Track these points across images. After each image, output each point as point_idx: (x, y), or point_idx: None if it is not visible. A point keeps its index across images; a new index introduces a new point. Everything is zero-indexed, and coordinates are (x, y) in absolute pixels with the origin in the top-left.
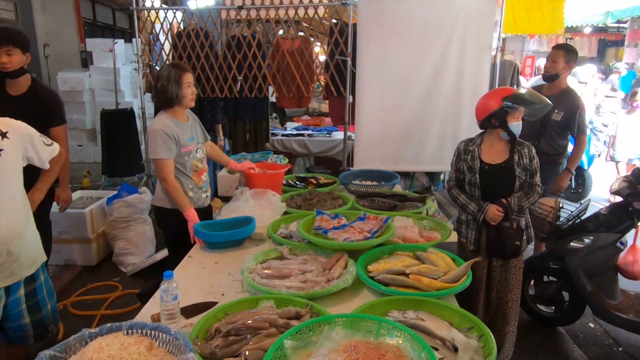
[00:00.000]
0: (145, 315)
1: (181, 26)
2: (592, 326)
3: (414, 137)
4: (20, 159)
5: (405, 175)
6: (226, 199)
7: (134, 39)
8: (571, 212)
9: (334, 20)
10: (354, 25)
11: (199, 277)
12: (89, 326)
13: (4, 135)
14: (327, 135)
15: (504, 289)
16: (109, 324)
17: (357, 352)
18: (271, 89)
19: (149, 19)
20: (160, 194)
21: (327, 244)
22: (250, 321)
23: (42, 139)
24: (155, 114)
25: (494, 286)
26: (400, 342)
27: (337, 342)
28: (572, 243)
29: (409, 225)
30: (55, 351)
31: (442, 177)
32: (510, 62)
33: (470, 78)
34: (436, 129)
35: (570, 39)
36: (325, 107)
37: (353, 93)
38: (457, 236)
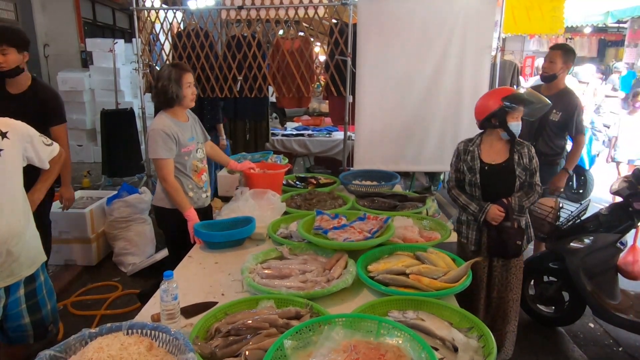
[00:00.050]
0: (145, 315)
1: (181, 26)
2: (592, 326)
3: (414, 137)
4: (20, 159)
5: (405, 175)
6: (226, 199)
7: (134, 39)
8: (571, 212)
9: (334, 20)
10: (354, 25)
11: (199, 277)
12: (89, 326)
13: (3, 135)
14: (327, 135)
15: (504, 288)
16: (109, 324)
17: (357, 352)
18: (271, 89)
19: (149, 19)
20: (160, 193)
21: (327, 244)
22: (250, 321)
23: (42, 139)
24: (155, 114)
25: (495, 286)
26: (400, 342)
27: (337, 342)
28: (572, 243)
29: (409, 225)
30: (55, 351)
31: (442, 177)
32: (510, 62)
33: (470, 78)
34: (436, 129)
35: (570, 39)
36: (325, 107)
37: (353, 93)
38: (457, 236)
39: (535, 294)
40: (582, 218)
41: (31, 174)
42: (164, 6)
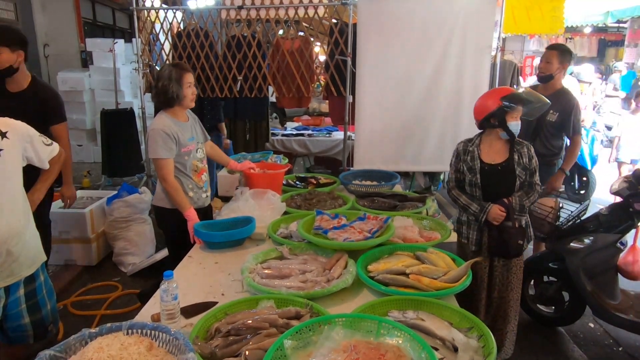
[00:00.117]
0: (145, 315)
1: (181, 26)
2: (592, 326)
3: (414, 137)
4: (19, 158)
5: (405, 175)
6: (226, 199)
7: (134, 39)
8: (571, 213)
9: (334, 20)
10: (354, 25)
11: (199, 277)
12: (89, 326)
13: (3, 135)
14: (327, 135)
15: (505, 288)
16: (109, 324)
17: (357, 352)
18: (271, 89)
19: (149, 19)
20: (160, 193)
21: (327, 244)
22: (250, 321)
23: (42, 139)
24: (155, 113)
25: (496, 286)
26: (400, 342)
27: (337, 342)
28: (572, 243)
29: (409, 225)
30: (55, 351)
31: (442, 177)
32: (510, 62)
33: (470, 78)
34: (436, 129)
35: (570, 39)
36: (325, 107)
37: (353, 93)
38: (457, 237)
39: (535, 294)
40: (582, 218)
41: (31, 174)
42: (164, 6)
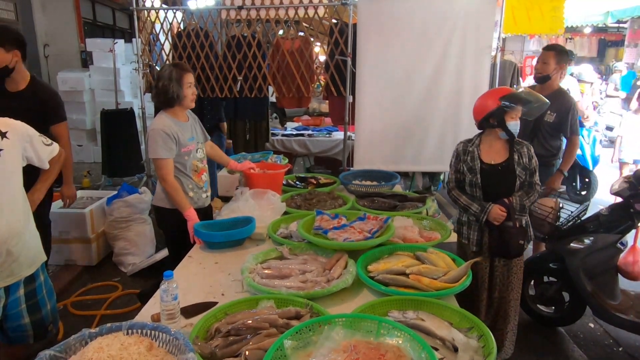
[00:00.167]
0: (145, 315)
1: (181, 26)
2: (592, 326)
3: (414, 137)
4: (19, 158)
5: (405, 175)
6: (226, 199)
7: (134, 39)
8: (571, 213)
9: (334, 20)
10: (354, 25)
11: (199, 277)
12: (89, 326)
13: (3, 135)
14: (327, 135)
15: (506, 288)
16: (109, 324)
17: (357, 352)
18: (271, 89)
19: (149, 19)
20: (160, 193)
21: (327, 244)
22: (250, 321)
23: (42, 139)
24: (156, 113)
25: (497, 286)
26: (400, 342)
27: (337, 342)
28: (572, 244)
29: (409, 225)
30: (55, 351)
31: (442, 177)
32: (510, 62)
33: (470, 78)
34: (436, 129)
35: (570, 39)
36: (325, 107)
37: (353, 93)
38: (457, 237)
39: (536, 294)
40: (582, 218)
41: (31, 174)
42: (164, 6)
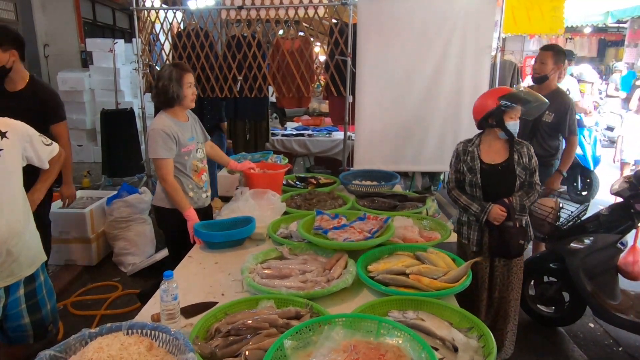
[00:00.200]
0: (145, 315)
1: (181, 26)
2: (592, 326)
3: (414, 137)
4: (19, 158)
5: (405, 175)
6: (226, 199)
7: (134, 39)
8: (571, 213)
9: (334, 20)
10: (354, 25)
11: (199, 277)
12: (89, 326)
13: (3, 135)
14: (327, 135)
15: (506, 288)
16: (109, 324)
17: (357, 352)
18: (271, 89)
19: (149, 19)
20: (160, 193)
21: (327, 244)
22: (250, 321)
23: (42, 138)
24: (156, 113)
25: (497, 286)
26: (400, 342)
27: (337, 342)
28: (573, 244)
29: (409, 225)
30: (55, 351)
31: (442, 177)
32: (510, 62)
33: (470, 78)
34: (436, 129)
35: (570, 39)
36: (325, 107)
37: (353, 93)
38: (457, 237)
39: (536, 294)
40: (582, 218)
41: (31, 174)
42: (164, 6)
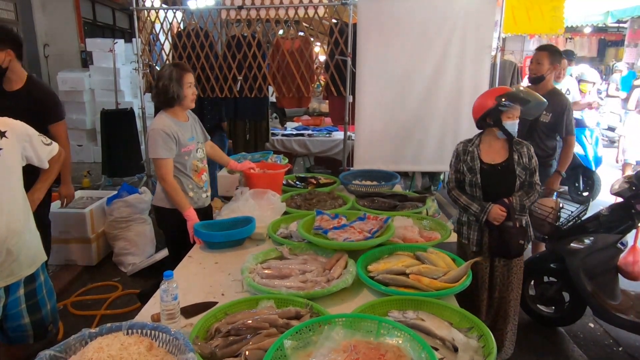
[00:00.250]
0: (145, 315)
1: (181, 26)
2: (592, 326)
3: (414, 137)
4: (19, 158)
5: (405, 175)
6: (226, 199)
7: (134, 39)
8: (571, 213)
9: (334, 20)
10: (354, 25)
11: (199, 277)
12: (89, 326)
13: (2, 134)
14: (327, 135)
15: (506, 288)
16: (109, 324)
17: (357, 352)
18: (271, 89)
19: (149, 19)
20: (160, 193)
21: (327, 244)
22: (250, 321)
23: (41, 138)
24: (155, 113)
25: (497, 286)
26: (400, 342)
27: (337, 342)
28: (573, 244)
29: (409, 225)
30: (55, 351)
31: (442, 177)
32: (510, 62)
33: (470, 78)
34: (436, 129)
35: (571, 39)
36: (325, 107)
37: (353, 93)
38: (457, 237)
39: (536, 294)
40: (583, 218)
41: (31, 174)
42: (164, 6)
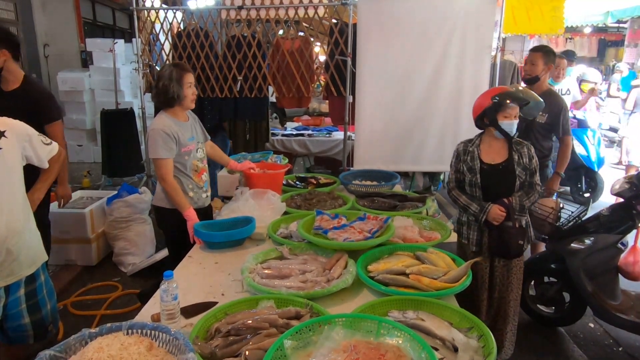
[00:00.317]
0: (145, 315)
1: (181, 26)
2: (592, 326)
3: (414, 137)
4: (19, 157)
5: (405, 175)
6: (226, 199)
7: (134, 39)
8: (572, 213)
9: (334, 20)
10: (354, 25)
11: (199, 277)
12: (89, 326)
13: (2, 134)
14: (327, 135)
15: (505, 289)
16: (109, 324)
17: (357, 352)
18: (271, 89)
19: (149, 19)
20: (160, 193)
21: (327, 244)
22: (250, 321)
23: (41, 138)
24: (155, 113)
25: (496, 286)
26: (400, 342)
27: (337, 342)
28: (573, 244)
29: (409, 225)
30: (55, 351)
31: (442, 177)
32: (510, 62)
33: (470, 78)
34: (436, 129)
35: (571, 39)
36: (325, 107)
37: (353, 93)
38: (457, 237)
39: (536, 294)
40: (583, 219)
41: (31, 174)
42: (164, 6)
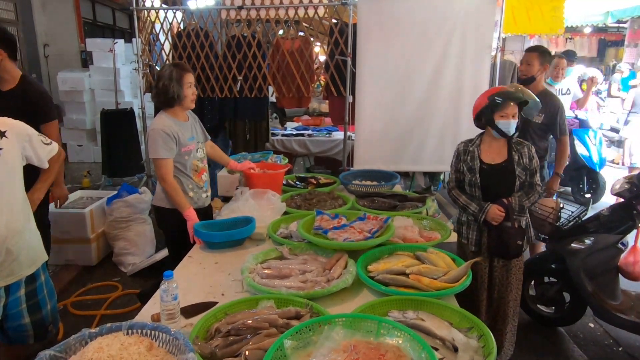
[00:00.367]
0: (145, 315)
1: (181, 26)
2: (592, 326)
3: (414, 137)
4: (19, 157)
5: (405, 175)
6: (226, 199)
7: (134, 39)
8: (572, 213)
9: (334, 20)
10: (354, 25)
11: (199, 277)
12: (89, 326)
13: (2, 134)
14: (327, 135)
15: (505, 289)
16: (109, 324)
17: (357, 352)
18: (271, 89)
19: (149, 19)
20: (160, 193)
21: (327, 244)
22: (250, 321)
23: (41, 138)
24: (155, 113)
25: (496, 286)
26: (400, 342)
27: (337, 342)
28: (573, 244)
29: (409, 225)
30: (55, 351)
31: (442, 177)
32: (510, 62)
33: (470, 78)
34: (436, 129)
35: (571, 39)
36: (325, 107)
37: (353, 93)
38: (457, 237)
39: (536, 294)
40: (583, 219)
41: (31, 174)
42: (164, 6)
